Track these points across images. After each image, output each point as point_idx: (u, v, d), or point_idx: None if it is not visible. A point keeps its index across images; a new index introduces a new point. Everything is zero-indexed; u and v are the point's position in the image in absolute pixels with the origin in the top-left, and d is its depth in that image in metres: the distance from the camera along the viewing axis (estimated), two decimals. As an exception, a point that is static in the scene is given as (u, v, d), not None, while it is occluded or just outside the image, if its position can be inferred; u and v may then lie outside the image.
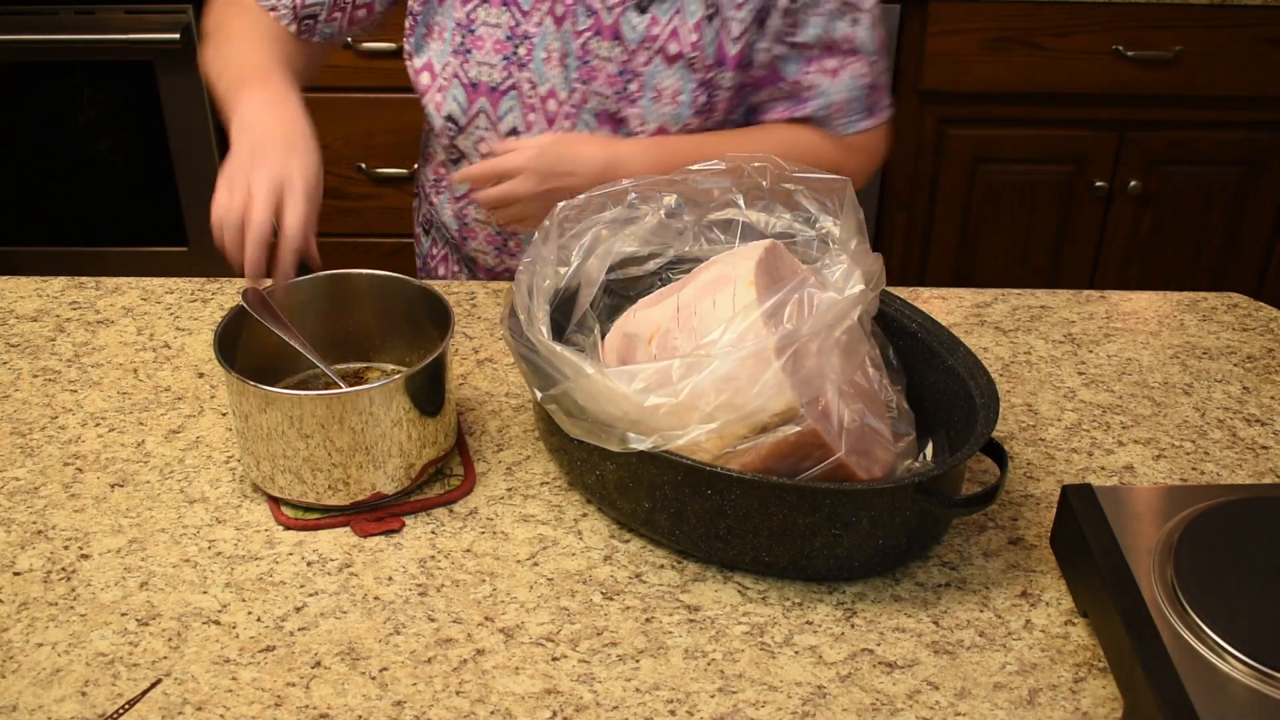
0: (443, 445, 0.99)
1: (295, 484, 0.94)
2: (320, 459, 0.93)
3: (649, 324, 0.97)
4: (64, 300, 1.25)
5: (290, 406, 0.91)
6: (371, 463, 0.94)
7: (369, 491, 0.95)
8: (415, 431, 0.95)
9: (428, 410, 0.96)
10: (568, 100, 1.22)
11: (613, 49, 1.19)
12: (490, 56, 1.22)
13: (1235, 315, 1.27)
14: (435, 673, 0.83)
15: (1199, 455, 1.06)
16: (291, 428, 0.92)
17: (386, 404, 0.93)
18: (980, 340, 1.21)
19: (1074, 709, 0.81)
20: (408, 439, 0.95)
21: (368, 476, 0.95)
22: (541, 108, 1.23)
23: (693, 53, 1.18)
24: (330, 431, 0.92)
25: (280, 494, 0.96)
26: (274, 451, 0.94)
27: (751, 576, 0.91)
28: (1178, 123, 2.25)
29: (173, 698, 0.81)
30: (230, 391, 0.95)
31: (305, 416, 0.91)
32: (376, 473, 0.95)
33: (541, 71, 1.22)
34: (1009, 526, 0.97)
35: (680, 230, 1.05)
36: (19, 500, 0.98)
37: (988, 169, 2.29)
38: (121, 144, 2.36)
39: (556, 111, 1.23)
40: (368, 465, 0.94)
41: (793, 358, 0.86)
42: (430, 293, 1.05)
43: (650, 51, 1.19)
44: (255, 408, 0.93)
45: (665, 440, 0.86)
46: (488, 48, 1.22)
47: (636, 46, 1.19)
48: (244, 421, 0.94)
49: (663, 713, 0.80)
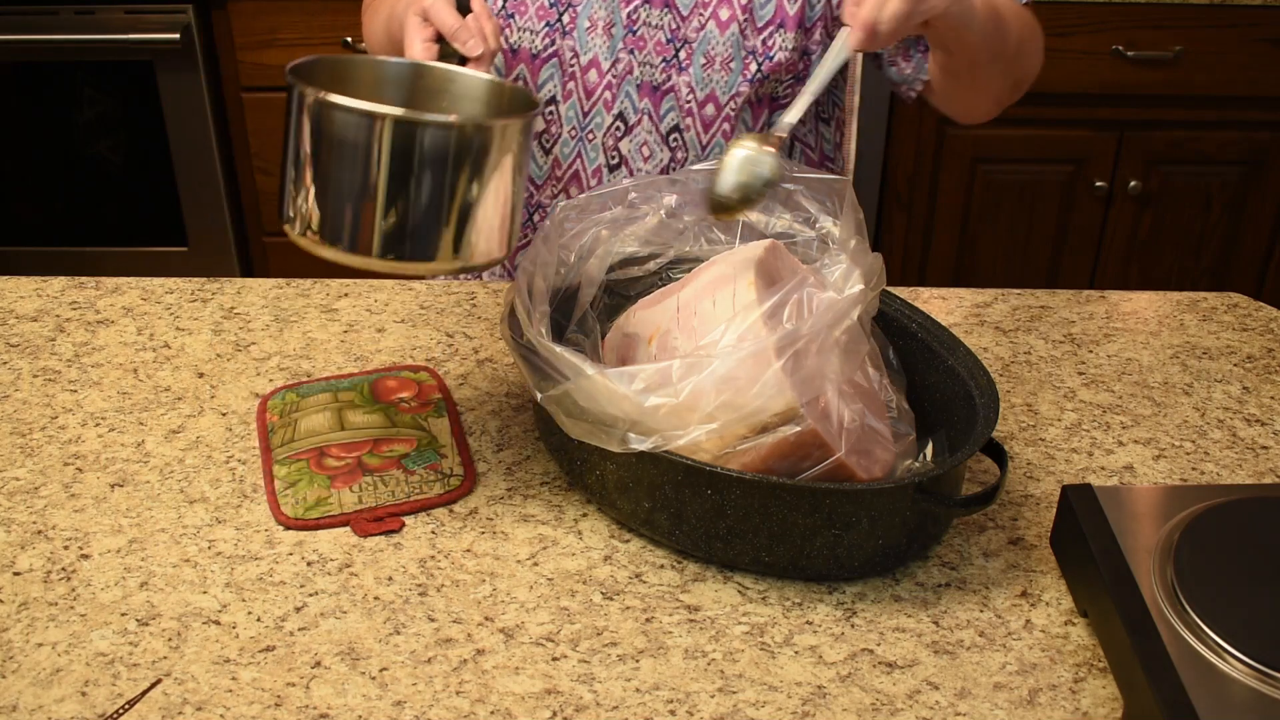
0: (491, 246, 0.90)
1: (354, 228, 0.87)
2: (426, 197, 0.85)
3: (649, 324, 0.97)
4: (64, 300, 1.25)
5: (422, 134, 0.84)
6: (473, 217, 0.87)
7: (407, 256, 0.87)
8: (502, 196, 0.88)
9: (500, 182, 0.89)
10: (609, 70, 1.21)
11: (663, 16, 1.18)
12: (533, 22, 1.21)
13: (1235, 315, 1.27)
14: (435, 673, 0.83)
15: (1199, 455, 1.06)
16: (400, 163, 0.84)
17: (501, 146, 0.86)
18: (980, 340, 1.21)
19: (1074, 709, 0.81)
20: (493, 203, 0.87)
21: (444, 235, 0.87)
22: (581, 78, 1.22)
23: (744, 16, 1.17)
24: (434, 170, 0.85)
25: (333, 250, 0.88)
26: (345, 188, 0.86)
27: (751, 576, 0.91)
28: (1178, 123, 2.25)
29: (173, 698, 0.81)
30: (320, 118, 0.85)
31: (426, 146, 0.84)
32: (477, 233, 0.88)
33: (584, 40, 1.20)
34: (1009, 526, 0.97)
35: (680, 230, 1.05)
36: (19, 500, 0.98)
37: (988, 169, 2.30)
38: (121, 144, 2.36)
39: (597, 83, 1.22)
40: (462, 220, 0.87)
41: (793, 358, 0.86)
42: (513, 88, 0.99)
43: (703, 17, 1.17)
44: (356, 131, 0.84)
45: (666, 440, 0.86)
46: (530, 13, 1.21)
47: (689, 13, 1.17)
48: (329, 154, 0.86)
49: (663, 713, 0.80)
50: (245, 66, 2.29)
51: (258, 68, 2.29)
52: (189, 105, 2.30)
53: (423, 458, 1.02)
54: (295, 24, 2.26)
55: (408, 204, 0.86)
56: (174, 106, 2.30)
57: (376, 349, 1.18)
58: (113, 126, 2.34)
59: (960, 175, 2.29)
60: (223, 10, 2.24)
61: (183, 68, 2.26)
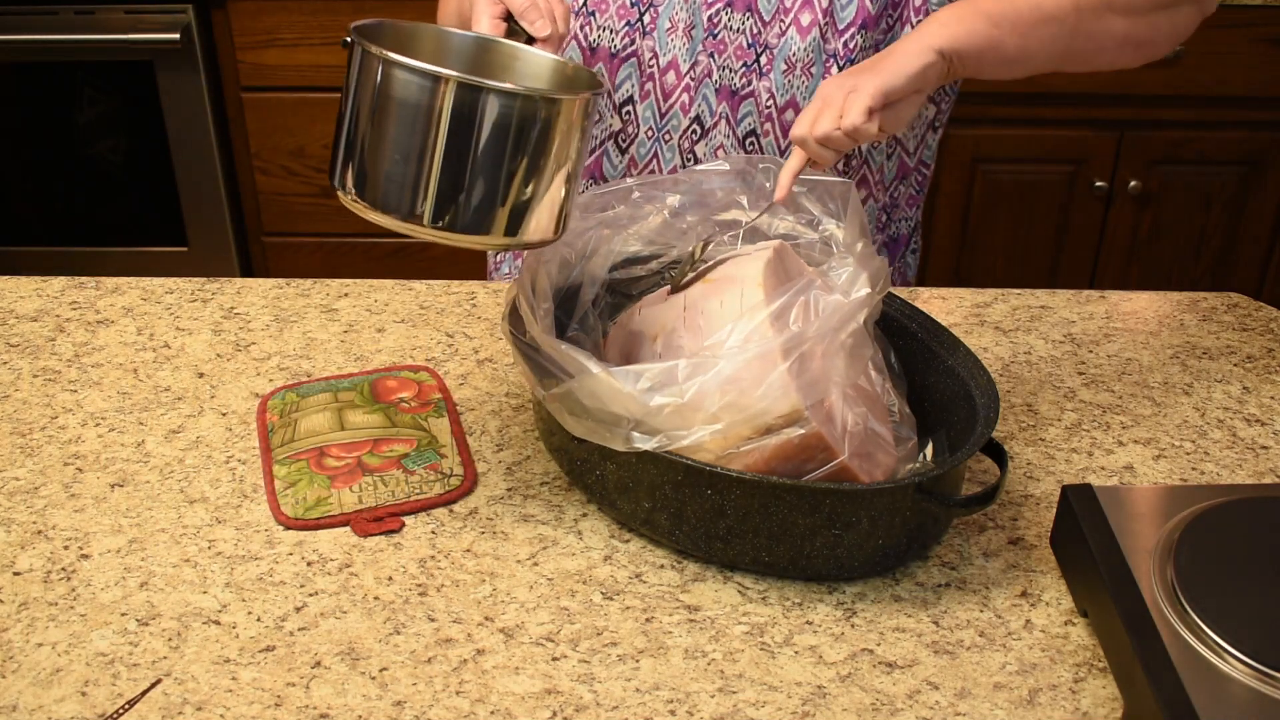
0: (545, 225, 0.89)
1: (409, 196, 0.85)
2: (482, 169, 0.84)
3: (655, 322, 0.97)
4: (64, 300, 1.25)
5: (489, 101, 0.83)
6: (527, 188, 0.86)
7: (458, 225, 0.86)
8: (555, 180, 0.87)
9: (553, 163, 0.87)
10: (688, 73, 1.20)
11: (744, 20, 1.17)
12: (613, 21, 1.20)
13: (1235, 315, 1.27)
14: (435, 673, 0.83)
15: (1199, 455, 1.06)
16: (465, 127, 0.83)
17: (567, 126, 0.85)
18: (980, 340, 1.21)
19: (1074, 709, 0.81)
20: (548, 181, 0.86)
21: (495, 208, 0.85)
22: (659, 79, 1.21)
23: (824, 19, 1.15)
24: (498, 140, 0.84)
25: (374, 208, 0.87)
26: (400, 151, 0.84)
27: (751, 576, 0.91)
28: (1178, 123, 2.25)
29: (173, 698, 0.81)
30: (391, 79, 0.84)
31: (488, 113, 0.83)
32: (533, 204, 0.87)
33: (664, 41, 1.19)
34: (1009, 526, 0.97)
35: (683, 230, 1.05)
36: (19, 500, 0.98)
37: (988, 169, 2.30)
38: (121, 144, 2.36)
39: (675, 84, 1.21)
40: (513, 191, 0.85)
41: (798, 360, 0.86)
42: (577, 67, 0.98)
43: (784, 23, 1.16)
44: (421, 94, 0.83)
45: (670, 440, 0.86)
46: (611, 11, 1.20)
47: (770, 18, 1.16)
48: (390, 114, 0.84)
49: (663, 713, 0.80)
50: (245, 66, 2.29)
51: (258, 68, 2.29)
52: (189, 105, 2.30)
53: (423, 458, 1.02)
54: (295, 24, 2.26)
55: (465, 172, 0.84)
56: (174, 106, 2.30)
57: (376, 349, 1.18)
58: (113, 126, 2.34)
59: (960, 175, 2.29)
60: (223, 10, 2.24)
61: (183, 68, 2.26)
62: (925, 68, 0.98)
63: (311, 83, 2.31)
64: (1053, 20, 1.04)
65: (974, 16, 1.01)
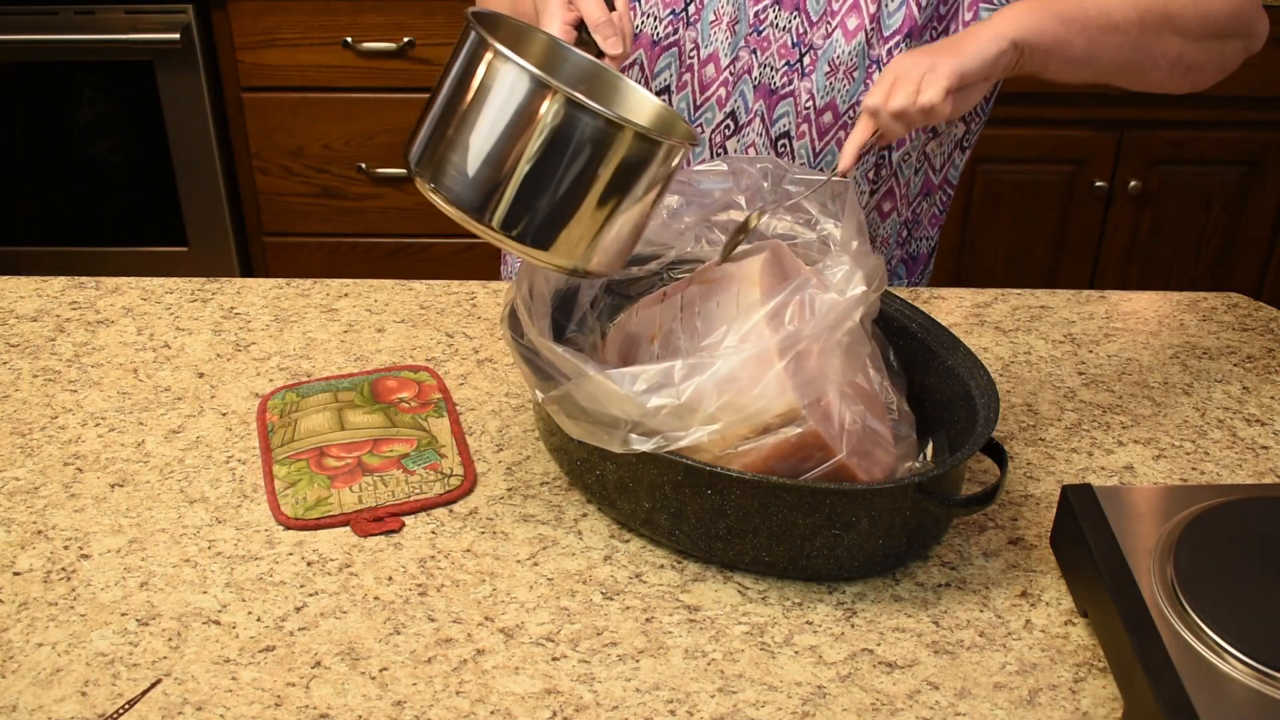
0: (611, 260, 0.89)
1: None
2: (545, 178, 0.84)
3: (652, 323, 0.97)
4: (64, 300, 1.25)
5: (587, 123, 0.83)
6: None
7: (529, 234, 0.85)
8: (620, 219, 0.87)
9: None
10: (728, 67, 1.19)
11: (791, 19, 1.16)
12: (658, 8, 1.19)
13: (1235, 315, 1.27)
14: (435, 673, 0.83)
15: (1199, 455, 1.06)
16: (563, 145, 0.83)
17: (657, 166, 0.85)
18: (980, 340, 1.21)
19: (1074, 709, 0.81)
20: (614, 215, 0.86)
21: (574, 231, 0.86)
22: (698, 71, 1.20)
23: (871, 25, 1.15)
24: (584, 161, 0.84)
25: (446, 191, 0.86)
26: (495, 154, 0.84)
27: (751, 576, 0.91)
28: (1178, 123, 2.25)
29: (173, 698, 0.81)
30: (495, 75, 0.84)
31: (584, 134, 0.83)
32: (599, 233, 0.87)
33: (706, 33, 1.18)
34: (1009, 526, 0.97)
35: (681, 231, 1.05)
36: (19, 500, 0.98)
37: (988, 169, 2.30)
38: (121, 144, 2.36)
39: (714, 77, 1.20)
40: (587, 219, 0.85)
41: (795, 359, 0.86)
42: (677, 116, 0.98)
43: (830, 25, 1.16)
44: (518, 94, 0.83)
45: (668, 442, 0.86)
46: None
47: (817, 19, 1.16)
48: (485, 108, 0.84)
49: (663, 713, 0.80)
50: (245, 66, 2.29)
51: (258, 68, 2.29)
52: (189, 105, 2.30)
53: (423, 458, 1.02)
54: (295, 24, 2.26)
55: (548, 187, 0.84)
56: (174, 106, 2.30)
57: (376, 349, 1.18)
58: (113, 126, 2.34)
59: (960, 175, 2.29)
60: (223, 10, 2.24)
61: (183, 68, 2.26)
62: (999, 54, 0.99)
63: (312, 83, 2.31)
64: (1118, 30, 1.06)
65: (1045, 14, 1.03)
